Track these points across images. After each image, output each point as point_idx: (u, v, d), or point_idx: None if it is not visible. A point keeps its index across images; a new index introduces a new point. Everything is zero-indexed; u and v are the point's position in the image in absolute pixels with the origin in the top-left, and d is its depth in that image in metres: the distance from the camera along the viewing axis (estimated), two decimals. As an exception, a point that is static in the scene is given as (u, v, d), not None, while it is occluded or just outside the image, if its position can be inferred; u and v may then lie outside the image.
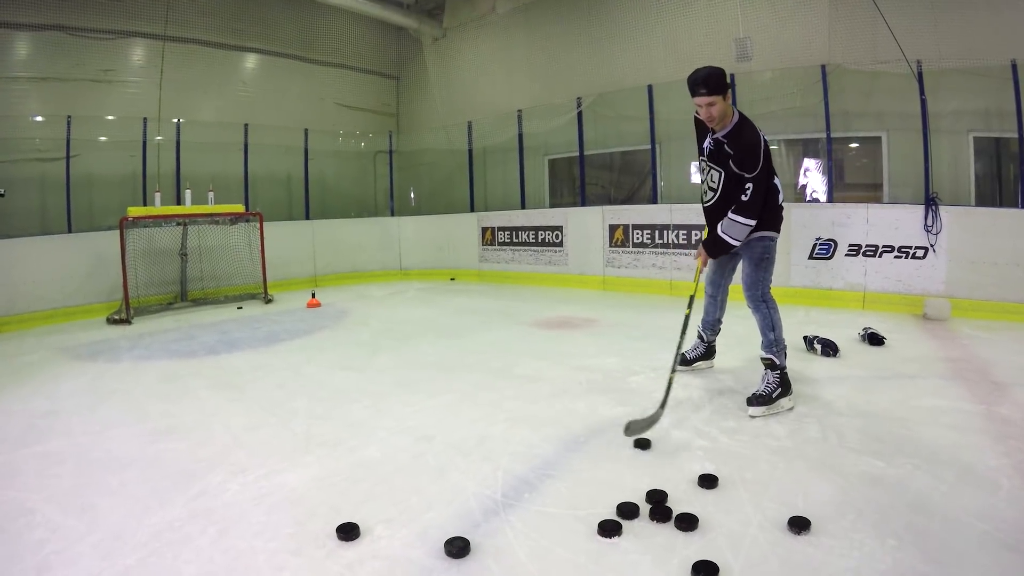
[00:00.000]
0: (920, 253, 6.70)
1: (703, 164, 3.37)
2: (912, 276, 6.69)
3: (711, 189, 3.34)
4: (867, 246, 6.77)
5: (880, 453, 2.75)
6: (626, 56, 8.58)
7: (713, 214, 3.31)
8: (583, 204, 8.54)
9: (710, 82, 3.09)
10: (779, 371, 3.27)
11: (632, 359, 4.42)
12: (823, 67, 7.18)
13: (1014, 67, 6.70)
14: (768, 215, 3.26)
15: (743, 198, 3.12)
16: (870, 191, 7.87)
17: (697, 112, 3.24)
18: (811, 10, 7.59)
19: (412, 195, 11.29)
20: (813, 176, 7.95)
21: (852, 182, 8.12)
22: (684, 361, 3.77)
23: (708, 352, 3.86)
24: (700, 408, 3.39)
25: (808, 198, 7.79)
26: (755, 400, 3.16)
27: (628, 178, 9.26)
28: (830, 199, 7.28)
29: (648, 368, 4.16)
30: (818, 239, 6.79)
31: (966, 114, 7.32)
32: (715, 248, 3.29)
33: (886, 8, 6.51)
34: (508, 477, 2.58)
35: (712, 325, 3.78)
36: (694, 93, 3.13)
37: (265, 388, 4.03)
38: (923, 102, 6.84)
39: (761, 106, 7.33)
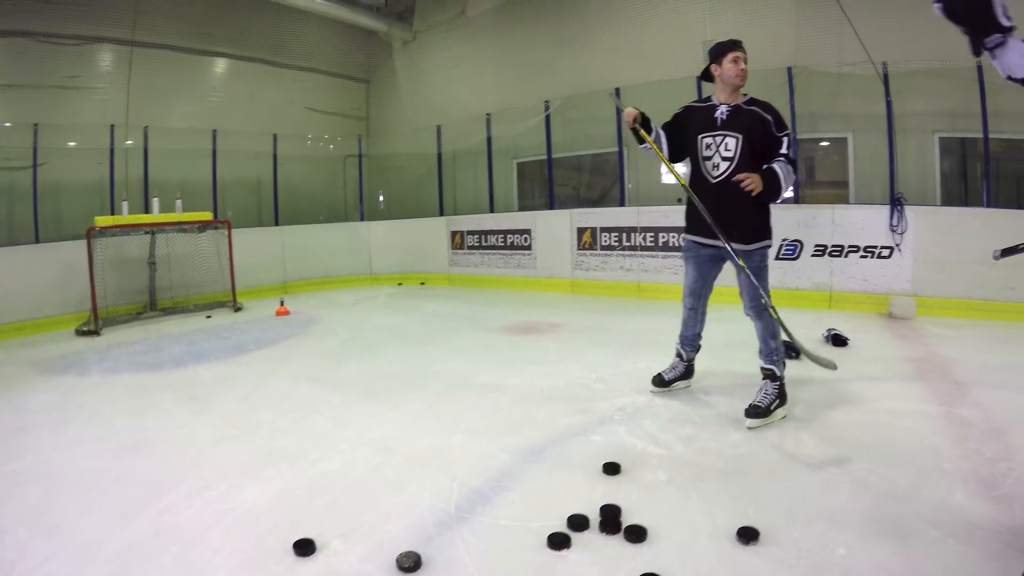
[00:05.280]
0: (886, 253, 6.74)
1: (710, 139, 3.28)
2: (878, 275, 6.74)
3: (726, 159, 3.24)
4: (833, 246, 6.80)
5: (837, 459, 2.72)
6: (594, 59, 8.57)
7: (725, 186, 3.20)
8: (551, 207, 8.51)
9: (743, 44, 3.24)
10: (778, 381, 3.24)
11: (595, 366, 4.39)
12: (789, 69, 7.21)
13: (980, 69, 6.79)
14: (768, 221, 3.28)
15: (785, 151, 3.15)
16: (836, 191, 7.94)
17: (720, 76, 3.25)
18: (778, 13, 7.62)
19: (382, 199, 11.18)
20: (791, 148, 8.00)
21: (818, 181, 8.19)
22: (662, 382, 3.65)
23: (688, 371, 3.73)
24: (657, 416, 3.34)
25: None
26: (754, 412, 3.11)
27: (597, 180, 9.25)
28: (796, 200, 7.31)
29: (610, 375, 4.12)
30: (784, 240, 6.81)
31: (932, 115, 7.39)
32: (772, 186, 3.12)
33: (852, 11, 6.56)
34: (464, 489, 2.55)
35: (692, 341, 3.64)
36: (732, 49, 3.20)
37: (231, 400, 3.98)
38: (888, 104, 6.90)
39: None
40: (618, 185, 8.27)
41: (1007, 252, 1.97)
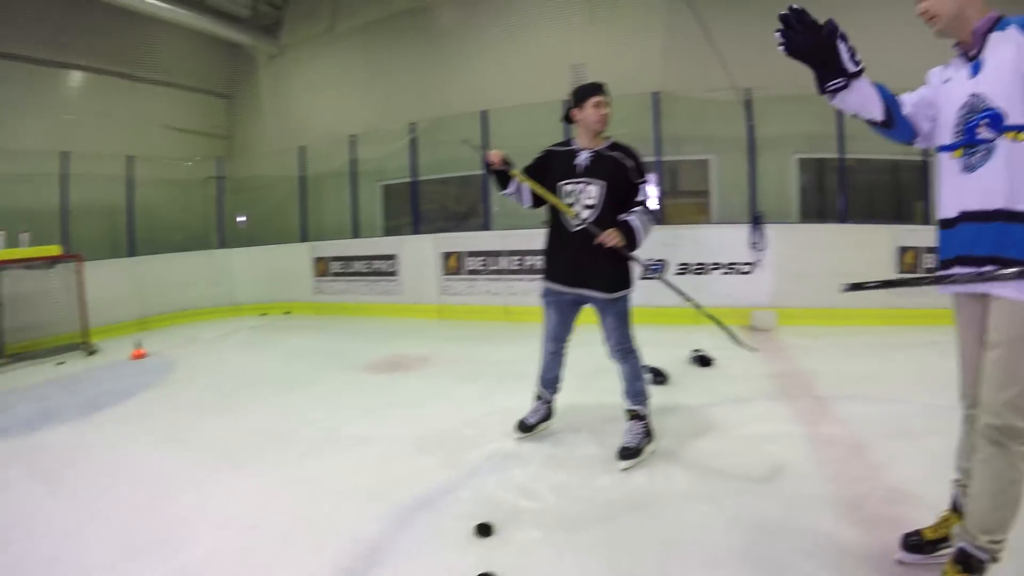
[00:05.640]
0: (747, 269, 6.93)
1: (571, 186, 3.16)
2: (740, 290, 6.92)
3: (588, 207, 3.12)
4: (696, 264, 6.95)
5: (708, 495, 2.67)
6: (463, 80, 8.43)
7: (587, 235, 3.06)
8: (416, 232, 8.20)
9: (606, 88, 3.13)
10: (645, 420, 3.19)
11: (463, 406, 4.14)
12: (655, 94, 7.33)
13: None
14: (628, 269, 3.17)
15: (643, 198, 3.10)
16: (699, 211, 8.15)
17: (576, 122, 3.16)
18: (647, 39, 7.82)
19: (242, 220, 10.30)
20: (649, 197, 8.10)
21: (682, 202, 8.41)
22: (527, 428, 3.48)
23: (549, 413, 3.59)
24: (527, 462, 3.14)
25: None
26: (626, 454, 3.03)
27: (464, 204, 9.02)
28: (660, 221, 7.38)
29: (478, 417, 3.88)
30: (649, 259, 6.83)
31: (791, 137, 7.78)
32: (631, 239, 3.06)
33: (718, 38, 6.76)
34: (333, 570, 2.29)
35: (553, 383, 3.52)
36: (594, 93, 3.10)
37: (87, 475, 3.37)
38: (750, 128, 7.17)
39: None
40: (482, 208, 8.06)
41: (855, 287, 2.00)
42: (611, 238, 2.95)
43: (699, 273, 6.92)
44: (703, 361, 4.87)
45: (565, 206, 3.11)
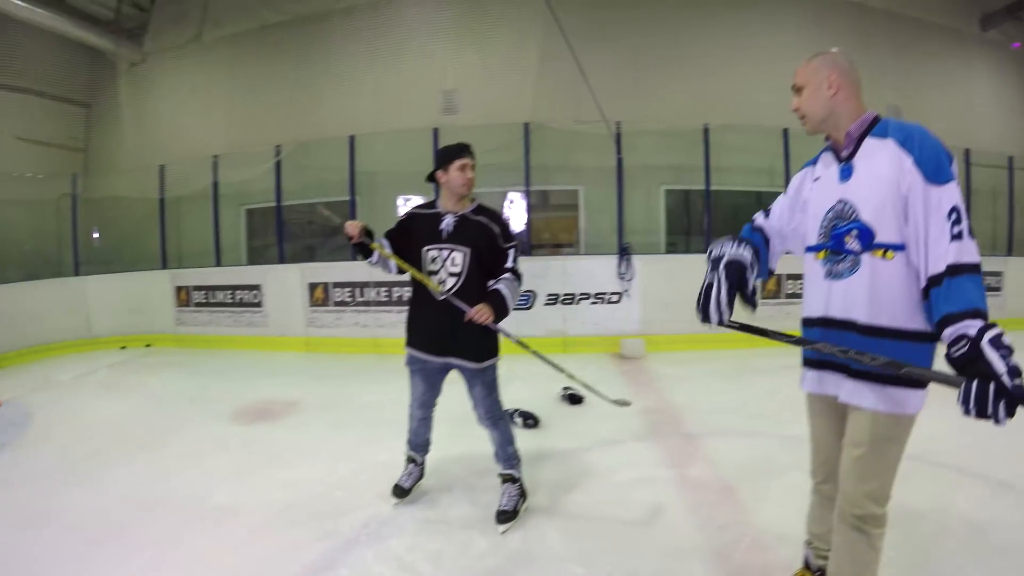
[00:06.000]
0: (615, 298, 7.13)
1: (435, 251, 3.05)
2: (609, 319, 7.10)
3: (453, 275, 3.02)
4: (565, 294, 7.08)
5: (583, 556, 2.65)
6: (332, 103, 8.14)
7: (453, 304, 2.96)
8: (281, 261, 7.85)
9: (472, 149, 3.05)
10: (518, 482, 3.17)
11: (335, 462, 3.96)
12: (526, 125, 7.37)
13: (706, 130, 7.55)
14: (497, 337, 3.09)
15: (512, 264, 3.03)
16: (568, 242, 8.32)
17: (442, 183, 3.05)
18: (520, 69, 7.84)
19: (98, 241, 9.50)
20: (516, 227, 8.17)
21: (551, 233, 8.53)
22: (401, 492, 3.37)
23: (422, 474, 3.52)
24: (403, 529, 3.03)
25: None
26: (503, 517, 3.02)
27: (331, 232, 8.67)
28: (528, 252, 7.45)
29: (350, 475, 3.72)
30: (521, 300, 6.90)
31: (659, 169, 8.05)
32: (502, 311, 3.00)
33: (591, 72, 6.86)
34: None
35: (424, 447, 3.44)
36: (459, 155, 3.00)
37: None
38: (619, 161, 7.36)
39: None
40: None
41: (737, 327, 1.99)
42: (481, 315, 2.87)
43: (567, 303, 7.05)
44: (573, 399, 4.92)
45: (428, 279, 3.01)
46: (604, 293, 7.12)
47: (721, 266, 1.96)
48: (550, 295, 7.03)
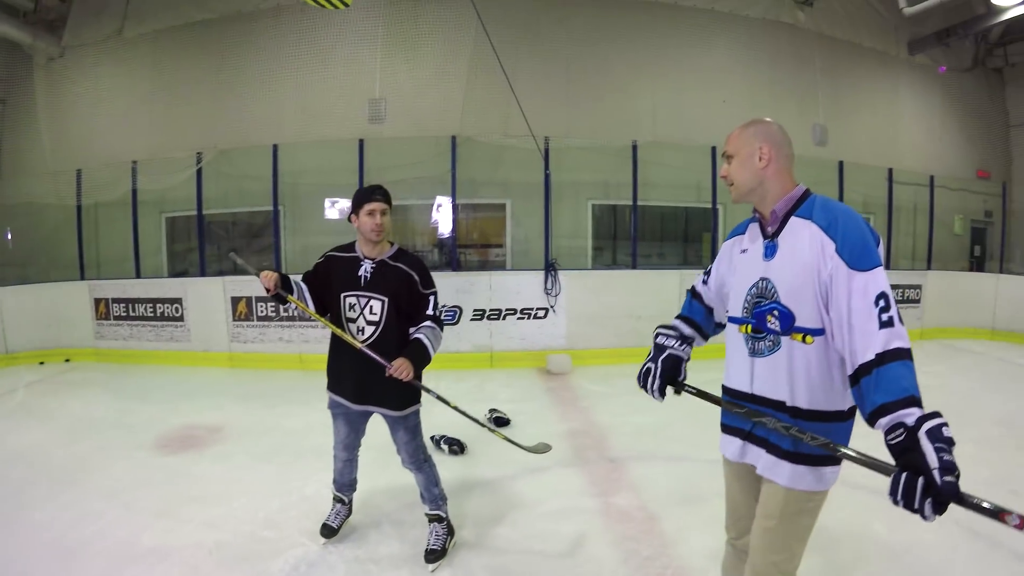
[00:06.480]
0: (541, 313, 7.23)
1: (353, 298, 3.00)
2: (535, 334, 7.20)
3: (371, 323, 2.98)
4: (491, 310, 7.14)
5: None
6: (255, 109, 7.90)
7: (368, 353, 2.92)
8: (203, 274, 7.64)
9: (385, 192, 2.98)
10: (445, 520, 3.21)
11: (261, 497, 3.87)
12: (453, 137, 7.33)
13: (635, 148, 7.66)
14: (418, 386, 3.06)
15: (432, 312, 3.02)
16: (494, 257, 8.38)
17: (357, 225, 2.98)
18: (449, 81, 7.78)
19: (10, 242, 9.10)
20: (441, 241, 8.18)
21: (476, 247, 8.55)
22: (330, 532, 3.35)
23: (350, 511, 3.52)
24: (332, 570, 3.04)
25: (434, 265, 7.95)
26: (432, 556, 3.07)
27: (257, 241, 8.54)
28: (455, 267, 7.46)
29: (277, 511, 3.67)
30: (444, 306, 6.92)
31: (586, 184, 8.13)
32: (423, 360, 2.97)
33: (521, 87, 6.87)
34: None
35: (351, 485, 3.44)
36: (369, 199, 2.92)
37: None
38: (547, 176, 7.42)
39: (392, 173, 7.25)
40: (272, 248, 7.70)
41: (692, 392, 2.00)
42: (400, 371, 2.83)
43: (494, 319, 7.10)
44: (500, 422, 4.97)
45: (345, 333, 2.97)
46: (531, 308, 7.21)
47: (660, 359, 2.03)
48: (476, 311, 7.08)
